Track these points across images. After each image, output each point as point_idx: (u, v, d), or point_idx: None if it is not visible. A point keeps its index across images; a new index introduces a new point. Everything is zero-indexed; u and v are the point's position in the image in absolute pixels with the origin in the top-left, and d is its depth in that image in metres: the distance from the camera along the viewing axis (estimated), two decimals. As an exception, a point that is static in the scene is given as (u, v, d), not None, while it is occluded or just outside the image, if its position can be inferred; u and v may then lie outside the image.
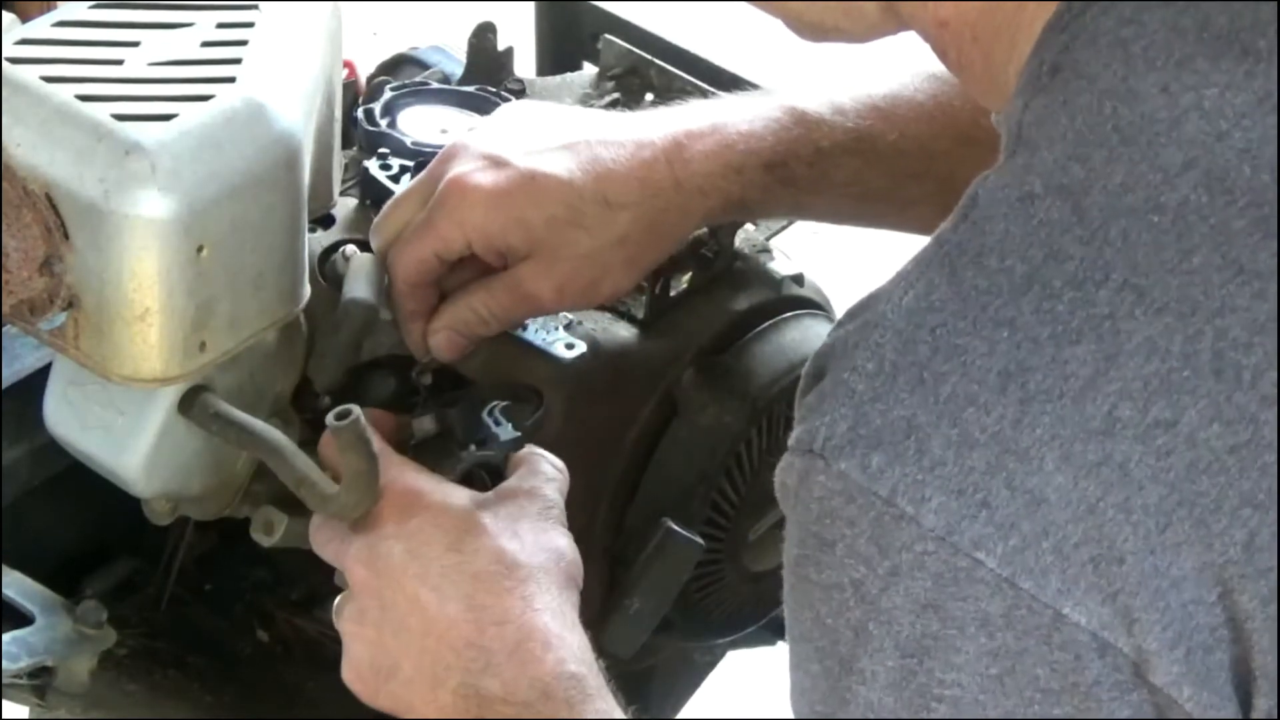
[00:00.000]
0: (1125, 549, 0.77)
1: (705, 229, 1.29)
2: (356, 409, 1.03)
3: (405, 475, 1.08)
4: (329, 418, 1.04)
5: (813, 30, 0.97)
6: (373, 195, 1.29)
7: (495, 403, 1.14)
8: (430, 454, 1.13)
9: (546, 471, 1.11)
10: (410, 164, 1.28)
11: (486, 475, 1.14)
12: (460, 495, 1.08)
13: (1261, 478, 0.77)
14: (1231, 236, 0.78)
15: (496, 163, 1.16)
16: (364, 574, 1.07)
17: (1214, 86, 0.81)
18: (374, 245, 1.20)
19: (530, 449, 1.13)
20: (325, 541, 1.10)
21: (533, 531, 1.06)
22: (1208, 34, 0.82)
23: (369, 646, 1.07)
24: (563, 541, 1.08)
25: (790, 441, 0.83)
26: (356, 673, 1.08)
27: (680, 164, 1.18)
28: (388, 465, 1.07)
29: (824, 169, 1.21)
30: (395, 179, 1.27)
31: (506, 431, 1.13)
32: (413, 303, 1.19)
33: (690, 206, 1.19)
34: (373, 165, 1.29)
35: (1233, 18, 0.82)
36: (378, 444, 1.06)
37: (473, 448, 1.12)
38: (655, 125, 1.20)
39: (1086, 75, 0.83)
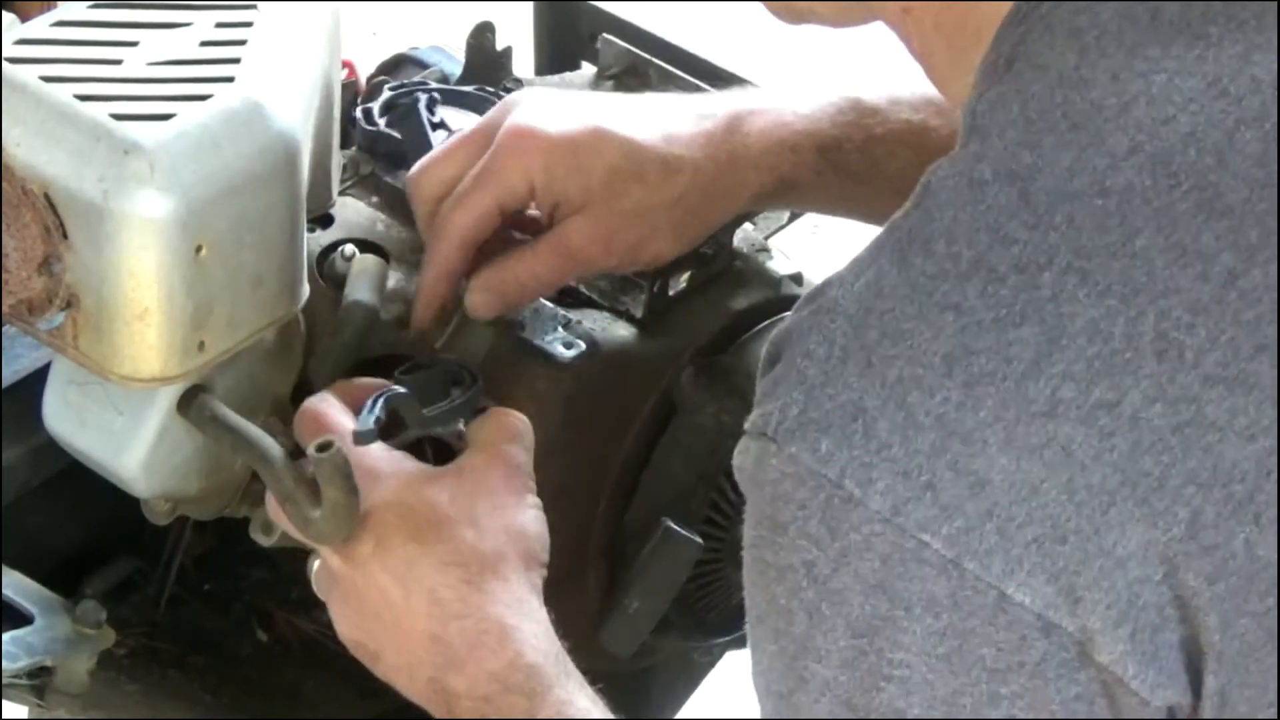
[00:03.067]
0: (1069, 529, 0.77)
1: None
2: (337, 441, 1.03)
3: (366, 459, 1.07)
4: (310, 448, 1.03)
5: (790, 13, 0.98)
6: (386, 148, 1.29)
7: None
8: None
9: (511, 428, 1.11)
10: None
11: (430, 449, 1.13)
12: (421, 479, 1.07)
13: (1205, 456, 0.78)
14: (1175, 219, 0.79)
15: (560, 113, 1.16)
16: (337, 561, 1.07)
17: (1163, 72, 0.81)
18: (415, 200, 1.19)
19: (495, 407, 1.12)
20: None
21: (492, 512, 1.06)
22: (1159, 20, 0.83)
23: (354, 628, 1.08)
24: (525, 516, 1.08)
25: (746, 425, 0.84)
26: (351, 647, 1.09)
27: (739, 135, 1.19)
28: (350, 450, 1.06)
29: (875, 157, 1.21)
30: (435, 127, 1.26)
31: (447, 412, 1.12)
32: (459, 262, 1.17)
33: (745, 179, 1.19)
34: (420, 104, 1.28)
35: (1185, 5, 0.83)
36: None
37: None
38: (714, 100, 1.21)
39: (1040, 65, 0.84)
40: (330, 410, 1.09)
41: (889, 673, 0.80)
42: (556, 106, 1.17)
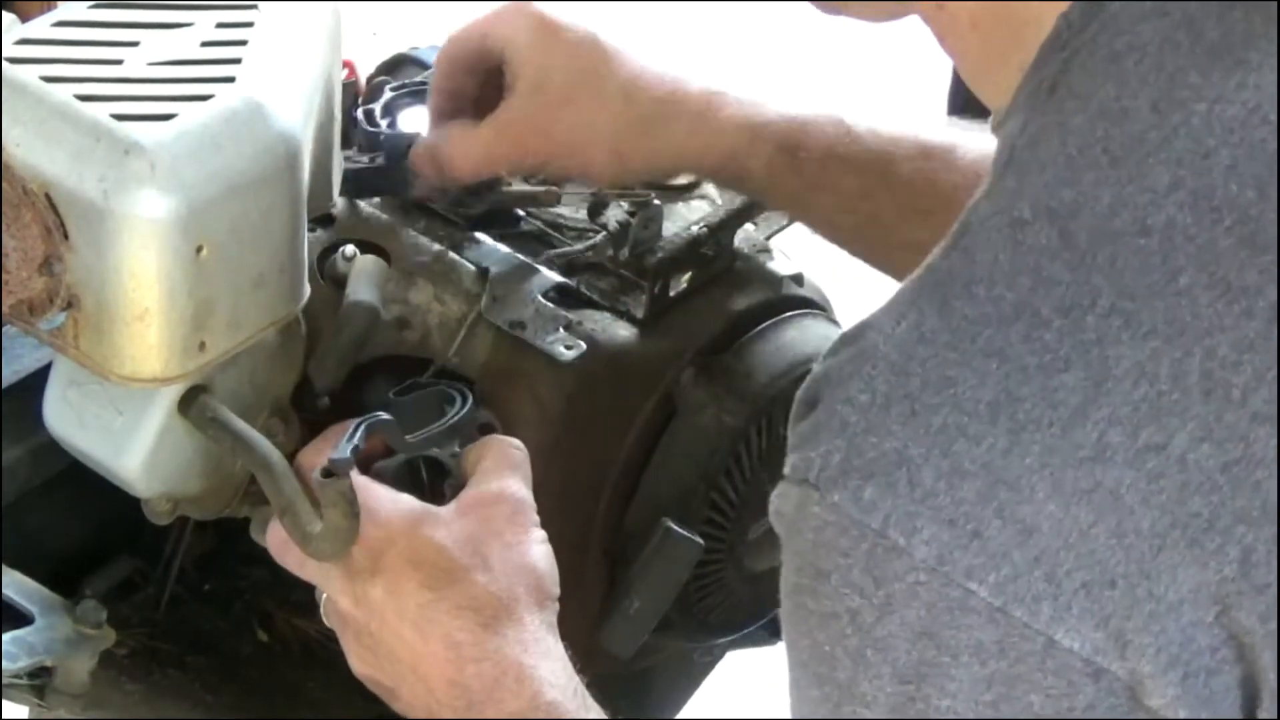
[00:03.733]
0: (1117, 573, 0.77)
1: (705, 228, 1.29)
2: (346, 470, 1.03)
3: (370, 500, 1.08)
4: (315, 473, 1.04)
5: (826, 7, 0.99)
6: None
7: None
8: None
9: (511, 459, 1.11)
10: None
11: (425, 468, 1.14)
12: (427, 521, 1.08)
13: (1254, 494, 0.77)
14: (1218, 255, 0.78)
15: (569, 7, 1.22)
16: (349, 606, 1.08)
17: (1203, 101, 0.81)
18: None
19: (491, 436, 1.12)
20: (299, 564, 1.11)
21: (501, 553, 1.07)
22: (1200, 45, 0.82)
23: (369, 667, 1.09)
24: (534, 552, 1.08)
25: (785, 469, 0.84)
26: (367, 683, 1.10)
27: (710, 102, 1.23)
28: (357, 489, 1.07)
29: (831, 171, 1.22)
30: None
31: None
32: (443, 79, 1.25)
33: (696, 138, 1.23)
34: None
35: (1226, 28, 0.82)
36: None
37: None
38: (712, 74, 1.25)
39: (1081, 95, 0.83)
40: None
41: (936, 719, 0.80)
42: (573, 3, 1.23)
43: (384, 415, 1.11)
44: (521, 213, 1.34)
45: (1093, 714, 0.78)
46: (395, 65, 1.50)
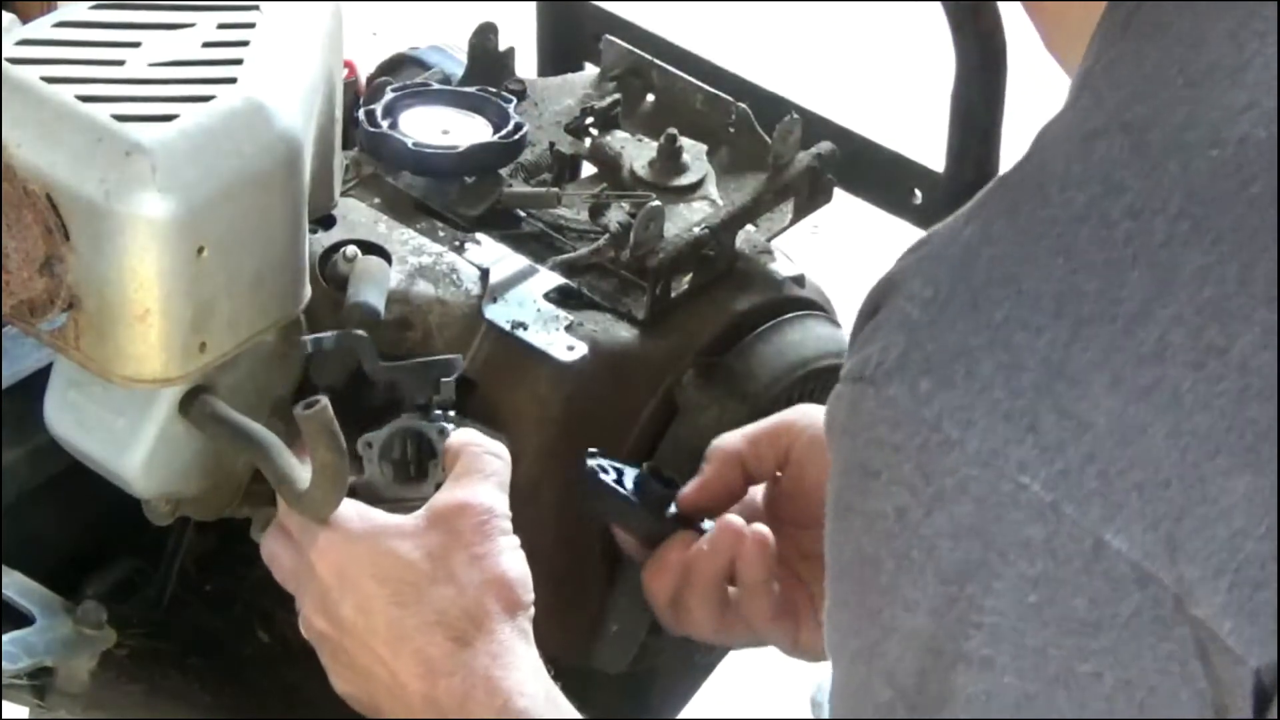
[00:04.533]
0: (1172, 474, 0.77)
1: (706, 229, 1.29)
2: (324, 399, 1.03)
3: (338, 515, 1.08)
4: (297, 408, 1.03)
5: None
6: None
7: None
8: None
9: (484, 468, 1.10)
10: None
11: (411, 444, 1.14)
12: (393, 535, 1.07)
13: None
14: None
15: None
16: (323, 624, 1.08)
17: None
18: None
19: (465, 440, 1.12)
20: (285, 576, 1.11)
21: (468, 565, 1.06)
22: None
23: (349, 683, 1.09)
24: (503, 561, 1.07)
25: (841, 374, 0.83)
26: (347, 699, 1.10)
27: None
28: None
29: None
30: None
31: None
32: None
33: None
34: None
35: None
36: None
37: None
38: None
39: (1159, 24, 0.83)
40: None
41: (979, 620, 0.79)
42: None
43: (360, 333, 1.11)
44: (522, 214, 1.34)
45: (1137, 621, 0.77)
46: (395, 65, 1.50)
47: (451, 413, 1.16)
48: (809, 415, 1.19)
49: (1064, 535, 0.77)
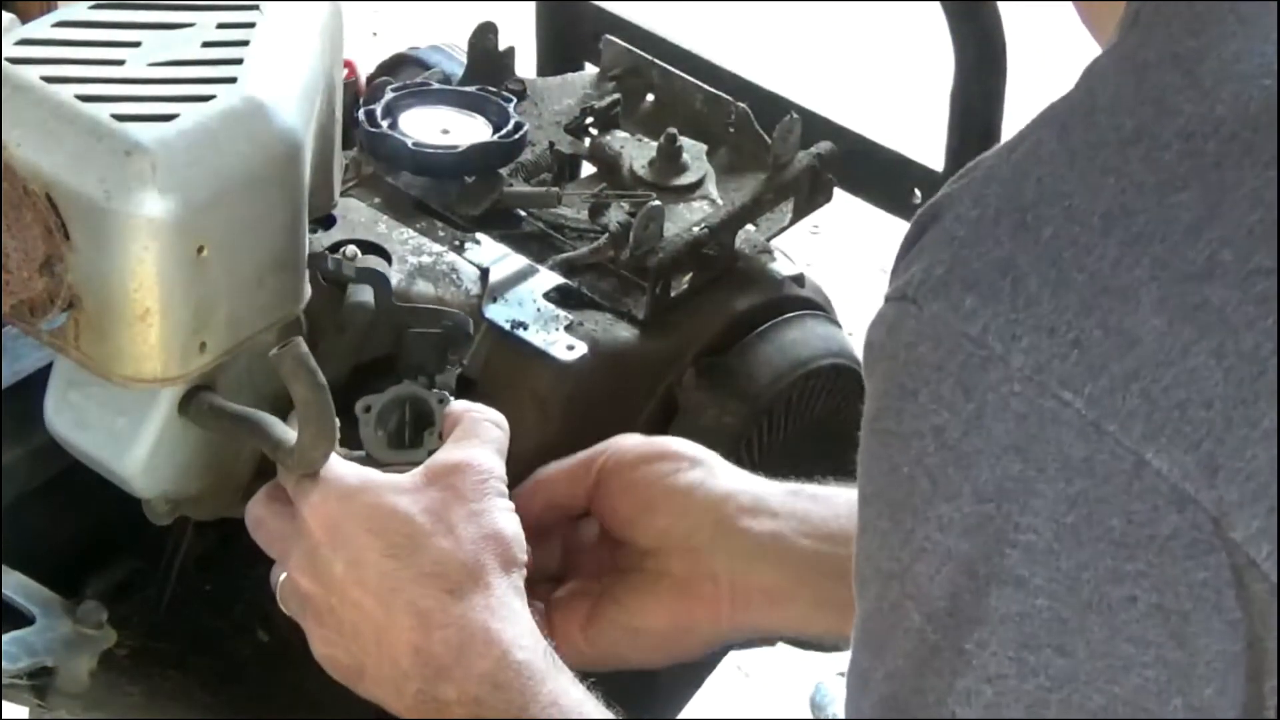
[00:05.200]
0: (1215, 394, 0.76)
1: (706, 229, 1.29)
2: (297, 338, 1.03)
3: (331, 473, 1.07)
4: (272, 350, 1.03)
5: None
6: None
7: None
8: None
9: (482, 433, 1.11)
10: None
11: (410, 410, 1.15)
12: (388, 490, 1.07)
13: None
14: None
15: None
16: (309, 584, 1.08)
17: None
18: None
19: (466, 407, 1.13)
20: (270, 539, 1.10)
21: (465, 519, 1.06)
22: None
23: (333, 647, 1.08)
24: (500, 518, 1.07)
25: (885, 295, 0.83)
26: (330, 667, 1.10)
27: None
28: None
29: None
30: None
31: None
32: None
33: None
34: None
35: None
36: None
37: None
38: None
39: None
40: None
41: (1015, 538, 0.78)
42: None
43: (378, 269, 1.14)
44: (522, 213, 1.34)
45: (1174, 544, 0.77)
46: (395, 65, 1.50)
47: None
48: (624, 441, 1.19)
49: (1105, 454, 0.77)
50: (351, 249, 1.24)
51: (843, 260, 2.76)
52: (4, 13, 1.17)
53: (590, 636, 1.17)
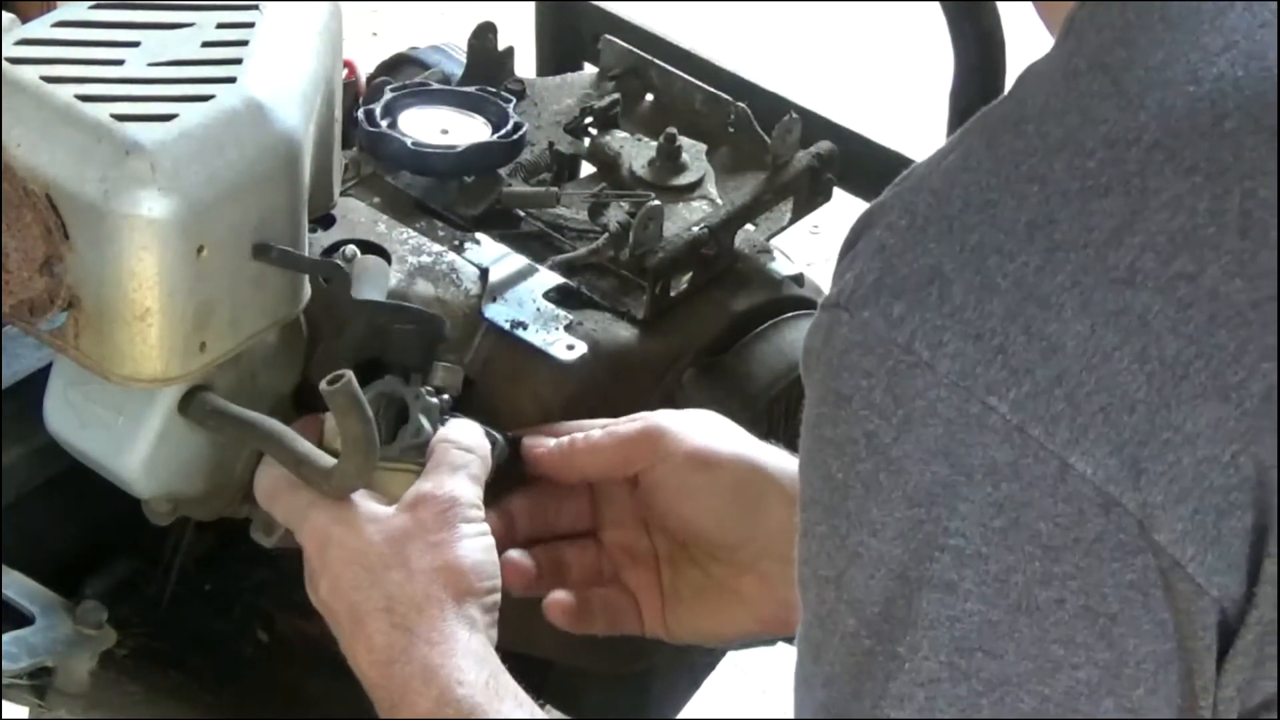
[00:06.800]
0: (1138, 398, 0.77)
1: (705, 228, 1.29)
2: (348, 373, 1.03)
3: (319, 498, 1.09)
4: (322, 384, 1.04)
5: None
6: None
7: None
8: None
9: (452, 461, 1.11)
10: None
11: (385, 408, 1.14)
12: (364, 519, 1.09)
13: None
14: (1266, 106, 0.79)
15: None
16: (313, 599, 1.11)
17: None
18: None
19: (440, 437, 1.13)
20: (288, 514, 1.12)
21: (424, 552, 1.07)
22: None
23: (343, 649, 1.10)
24: (460, 548, 1.08)
25: (820, 303, 0.84)
26: None
27: None
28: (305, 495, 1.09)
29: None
30: None
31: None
32: None
33: None
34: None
35: None
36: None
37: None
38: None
39: None
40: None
41: (944, 542, 0.79)
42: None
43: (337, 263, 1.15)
44: (522, 213, 1.34)
45: (1099, 549, 0.78)
46: (395, 65, 1.50)
47: (446, 397, 1.16)
48: (673, 419, 1.18)
49: (1030, 458, 0.78)
50: (351, 248, 1.24)
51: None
52: (4, 13, 1.17)
53: (670, 627, 1.19)
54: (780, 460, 1.16)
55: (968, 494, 0.79)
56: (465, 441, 1.13)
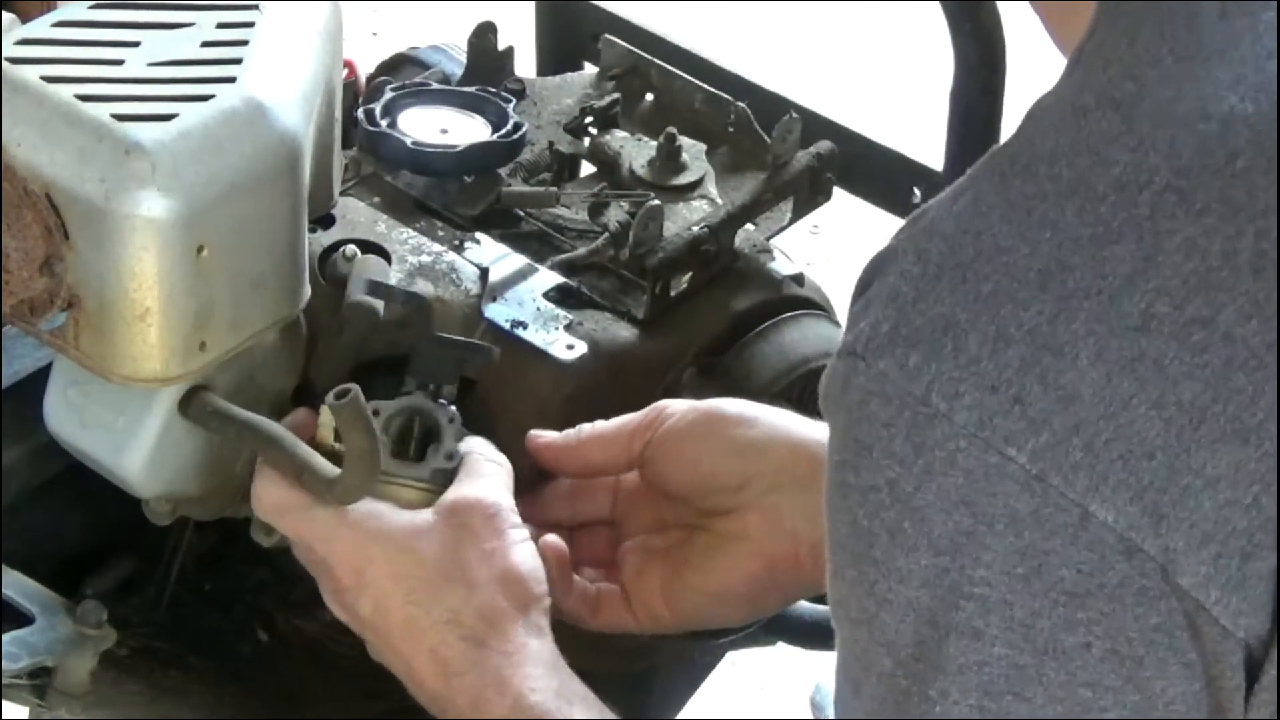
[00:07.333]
0: (1156, 445, 0.77)
1: (705, 228, 1.29)
2: (355, 387, 1.03)
3: (352, 514, 1.08)
4: (328, 398, 1.04)
5: None
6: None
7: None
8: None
9: (485, 470, 1.12)
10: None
11: (419, 425, 1.14)
12: (407, 534, 1.08)
13: None
14: (1277, 141, 0.79)
15: None
16: (347, 616, 1.10)
17: (1269, 10, 0.82)
18: None
19: (468, 448, 1.13)
20: (297, 527, 1.11)
21: (479, 563, 1.07)
22: None
23: (381, 658, 1.10)
24: (514, 556, 1.08)
25: (837, 349, 0.84)
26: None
27: None
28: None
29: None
30: None
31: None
32: None
33: None
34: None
35: None
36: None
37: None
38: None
39: (1152, 2, 0.84)
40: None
41: (969, 590, 0.80)
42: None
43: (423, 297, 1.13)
44: (521, 213, 1.34)
45: (1123, 594, 0.78)
46: (395, 65, 1.50)
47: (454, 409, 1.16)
48: (673, 407, 1.18)
49: (1050, 507, 0.78)
50: (351, 248, 1.24)
51: (843, 260, 2.76)
52: (4, 13, 1.17)
53: (671, 603, 1.17)
54: (779, 412, 1.16)
55: (990, 543, 0.79)
56: (491, 454, 1.13)
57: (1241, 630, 0.78)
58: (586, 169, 1.41)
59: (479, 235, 1.30)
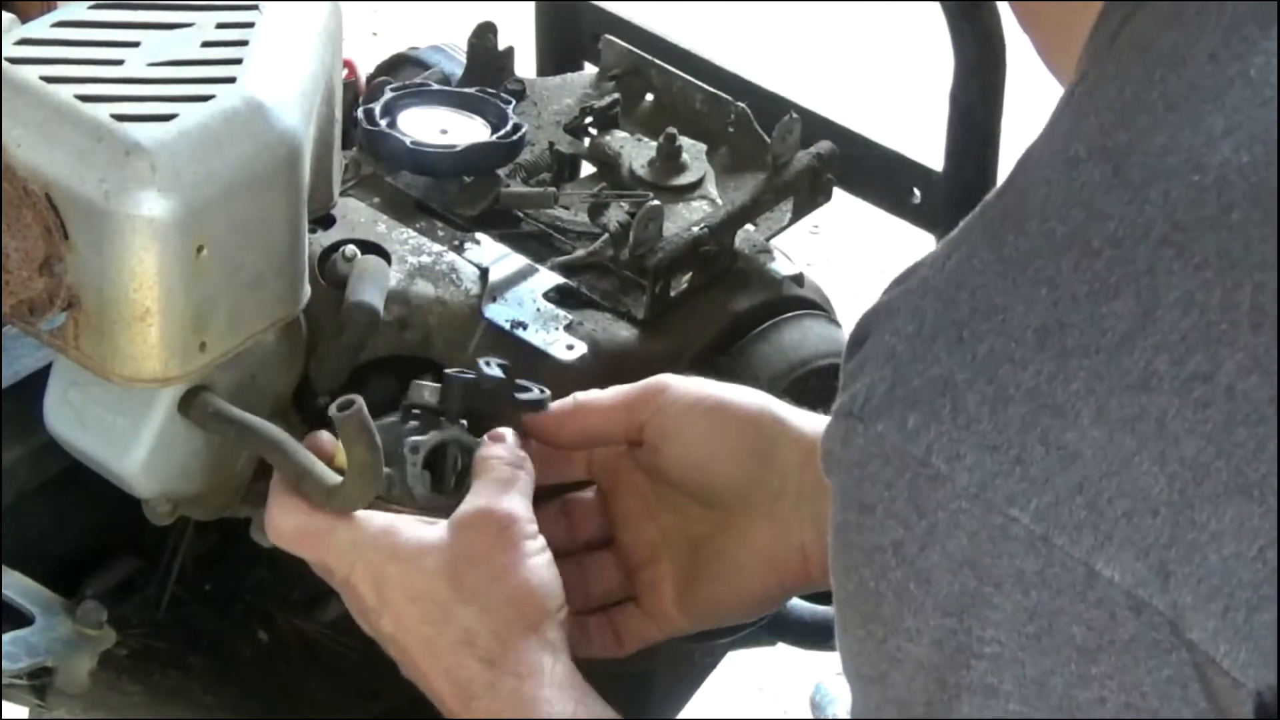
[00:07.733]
0: (1160, 502, 0.77)
1: (705, 228, 1.29)
2: (359, 399, 1.03)
3: (369, 530, 1.07)
4: (332, 409, 1.04)
5: None
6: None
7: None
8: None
9: (501, 476, 1.10)
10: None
11: (458, 453, 1.13)
12: (420, 552, 1.07)
13: None
14: (1272, 193, 0.78)
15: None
16: (375, 635, 1.09)
17: (1261, 54, 0.81)
18: None
19: (485, 453, 1.11)
20: (315, 548, 1.10)
21: (491, 581, 1.06)
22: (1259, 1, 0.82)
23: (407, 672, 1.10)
24: (525, 570, 1.07)
25: (834, 407, 0.84)
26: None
27: None
28: (354, 521, 1.07)
29: None
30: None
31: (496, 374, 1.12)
32: None
33: None
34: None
35: None
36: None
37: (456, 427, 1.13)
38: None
39: (1140, 45, 0.83)
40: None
41: (979, 650, 0.80)
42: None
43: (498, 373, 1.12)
44: (521, 213, 1.34)
45: (1134, 649, 0.78)
46: (395, 65, 1.50)
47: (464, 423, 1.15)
48: (675, 389, 1.16)
49: (1056, 566, 0.78)
50: (351, 249, 1.24)
51: (843, 260, 2.76)
52: (4, 13, 1.17)
53: (685, 610, 1.17)
54: (790, 410, 1.15)
55: (998, 603, 0.79)
56: (510, 458, 1.11)
57: (1251, 681, 0.78)
58: (586, 169, 1.41)
59: (479, 235, 1.30)
